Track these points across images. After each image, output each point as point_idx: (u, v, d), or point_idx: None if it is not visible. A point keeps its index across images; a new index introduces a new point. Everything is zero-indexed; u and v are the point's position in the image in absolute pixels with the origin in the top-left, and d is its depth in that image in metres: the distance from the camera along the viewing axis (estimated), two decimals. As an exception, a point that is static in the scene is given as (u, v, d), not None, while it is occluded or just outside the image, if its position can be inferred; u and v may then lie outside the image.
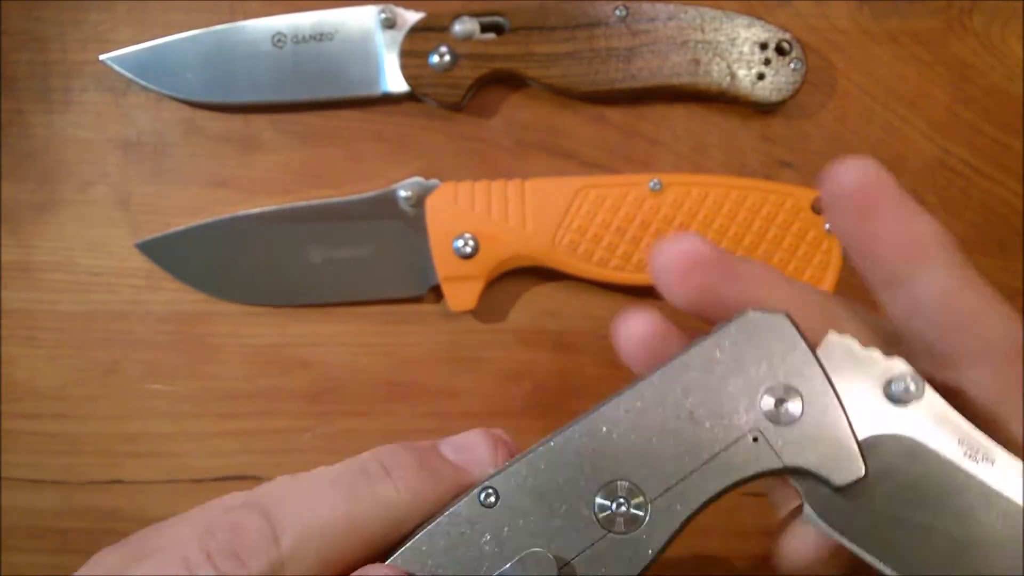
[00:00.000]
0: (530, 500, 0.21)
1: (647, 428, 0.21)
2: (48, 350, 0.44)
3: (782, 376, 0.21)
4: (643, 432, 0.21)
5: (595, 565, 0.21)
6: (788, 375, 0.21)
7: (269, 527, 0.20)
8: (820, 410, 0.21)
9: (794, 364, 0.21)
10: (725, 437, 0.21)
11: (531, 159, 0.44)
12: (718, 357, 0.21)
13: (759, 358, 0.21)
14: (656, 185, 0.41)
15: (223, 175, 0.45)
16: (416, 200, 0.42)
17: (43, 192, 0.45)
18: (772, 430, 0.21)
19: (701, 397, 0.21)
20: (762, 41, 0.42)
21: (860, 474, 0.20)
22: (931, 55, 0.44)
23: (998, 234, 0.43)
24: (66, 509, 0.44)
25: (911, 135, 0.44)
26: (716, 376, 0.21)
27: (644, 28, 0.42)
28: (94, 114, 0.45)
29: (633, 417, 0.21)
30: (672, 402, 0.21)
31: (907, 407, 0.21)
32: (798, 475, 0.21)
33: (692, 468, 0.21)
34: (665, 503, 0.21)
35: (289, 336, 0.44)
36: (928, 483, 0.21)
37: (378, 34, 0.43)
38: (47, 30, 0.45)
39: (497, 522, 0.21)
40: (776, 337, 0.21)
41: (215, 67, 0.44)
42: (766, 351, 0.21)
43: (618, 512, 0.21)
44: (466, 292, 0.42)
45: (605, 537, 0.21)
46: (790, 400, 0.21)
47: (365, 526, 0.21)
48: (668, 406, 0.21)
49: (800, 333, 0.21)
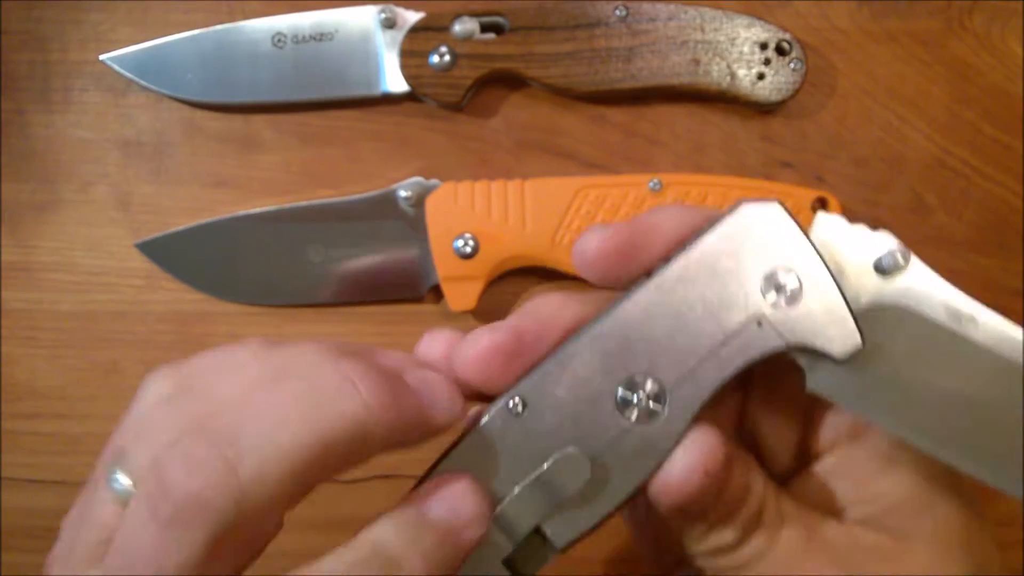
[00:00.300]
0: (557, 403, 0.22)
1: (660, 323, 0.22)
2: (48, 350, 0.44)
3: (778, 261, 0.22)
4: (656, 327, 0.22)
5: (624, 457, 0.22)
6: (784, 259, 0.22)
7: (224, 460, 0.18)
8: (816, 289, 0.22)
9: (788, 248, 0.22)
10: (732, 324, 0.22)
11: (531, 159, 0.44)
12: (718, 250, 0.22)
13: (755, 247, 0.22)
14: (656, 185, 0.41)
15: (223, 175, 0.45)
16: (416, 200, 0.42)
17: (43, 192, 0.45)
18: (774, 313, 0.22)
19: (706, 289, 0.22)
20: (762, 41, 0.42)
21: (858, 345, 0.22)
22: (931, 55, 0.44)
23: (998, 234, 0.43)
24: (66, 509, 0.43)
25: (911, 135, 0.44)
26: (718, 268, 0.22)
27: (644, 28, 0.42)
28: (94, 114, 0.45)
29: (646, 313, 0.22)
30: (681, 297, 0.22)
31: (896, 277, 0.22)
32: (801, 352, 0.22)
33: (703, 356, 0.22)
34: (682, 391, 0.22)
35: (289, 336, 0.44)
36: (921, 346, 0.22)
37: (378, 34, 0.43)
38: (47, 30, 0.45)
39: (528, 427, 0.22)
40: (769, 225, 0.22)
41: (215, 67, 0.44)
42: (761, 239, 0.22)
43: (640, 404, 0.22)
44: (466, 292, 0.42)
45: (631, 430, 0.22)
46: (788, 283, 0.22)
47: (330, 446, 0.19)
48: (677, 301, 0.22)
49: (792, 218, 0.22)
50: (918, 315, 0.22)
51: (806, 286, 0.22)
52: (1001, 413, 0.21)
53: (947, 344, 0.22)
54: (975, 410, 0.22)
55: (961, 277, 0.44)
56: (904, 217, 0.44)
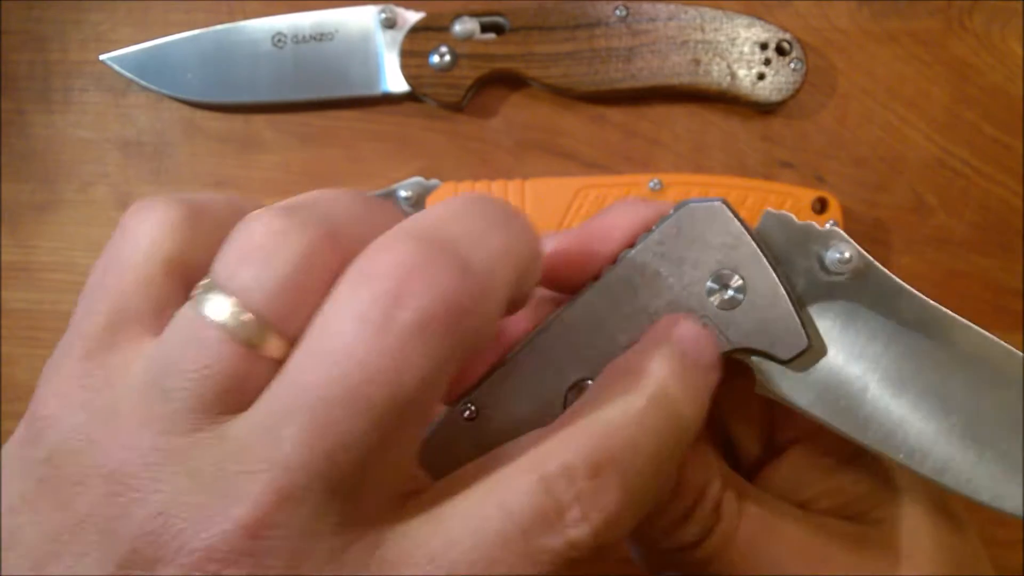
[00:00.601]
0: (506, 409, 0.22)
1: (604, 326, 0.22)
2: (49, 350, 0.44)
3: (724, 261, 0.22)
4: (601, 330, 0.22)
5: None
6: (729, 259, 0.22)
7: (457, 258, 0.16)
8: (760, 289, 0.21)
9: (733, 247, 0.22)
10: None
11: (531, 159, 0.44)
12: (661, 250, 0.22)
13: (701, 246, 0.22)
14: (656, 185, 0.41)
15: (223, 175, 0.45)
16: (416, 200, 0.42)
17: (43, 192, 0.45)
18: (719, 314, 0.22)
19: (650, 291, 0.22)
20: (762, 41, 0.42)
21: (803, 346, 0.21)
22: (931, 55, 0.44)
23: (998, 234, 0.43)
24: (66, 509, 0.44)
25: (911, 135, 0.44)
26: (664, 269, 0.22)
27: (644, 28, 0.42)
28: (94, 114, 0.45)
29: (590, 317, 0.22)
30: (624, 298, 0.22)
31: (844, 275, 0.22)
32: (747, 353, 0.22)
33: None
34: None
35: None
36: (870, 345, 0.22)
37: (378, 34, 0.43)
38: (47, 30, 0.45)
39: (478, 433, 0.22)
40: (715, 224, 0.22)
41: (215, 67, 0.44)
42: (706, 238, 0.22)
43: None
44: (466, 292, 0.42)
45: None
46: (732, 283, 0.22)
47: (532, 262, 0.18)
48: (621, 303, 0.22)
49: (736, 217, 0.22)
50: (868, 313, 0.22)
51: (750, 286, 0.21)
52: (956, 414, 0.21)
53: (898, 342, 0.21)
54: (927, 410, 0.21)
55: (961, 277, 0.45)
56: (904, 217, 0.44)
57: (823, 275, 0.22)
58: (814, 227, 0.22)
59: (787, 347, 0.21)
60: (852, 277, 0.22)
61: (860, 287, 0.22)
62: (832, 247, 0.22)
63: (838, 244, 0.22)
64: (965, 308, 0.20)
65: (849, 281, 0.22)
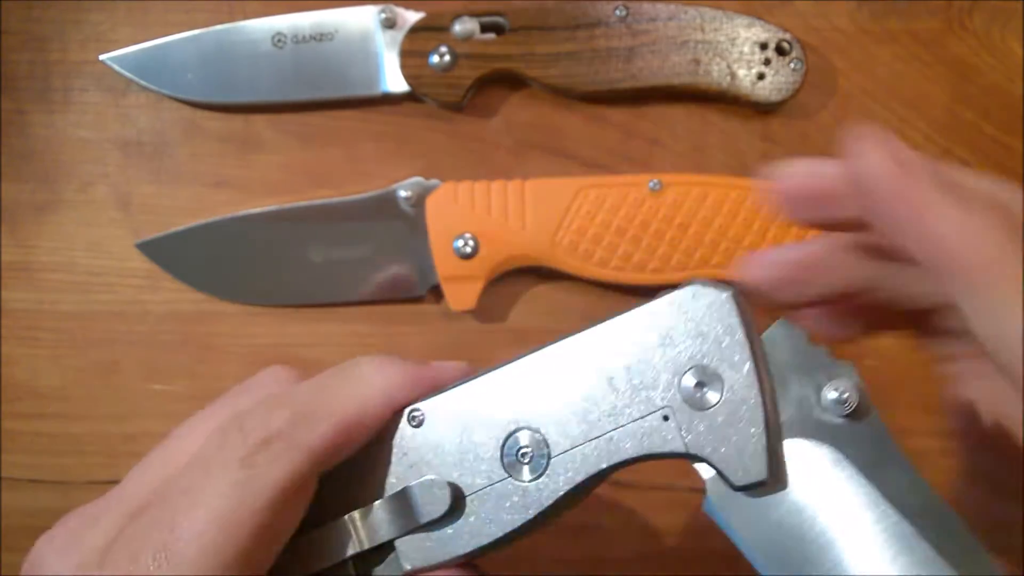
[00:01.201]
0: (450, 429, 0.22)
1: (566, 383, 0.21)
2: (48, 350, 0.44)
3: (710, 358, 0.20)
4: (562, 387, 0.21)
5: (488, 504, 0.21)
6: (717, 358, 0.20)
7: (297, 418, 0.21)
8: (739, 402, 0.19)
9: (725, 348, 0.20)
10: (637, 408, 0.20)
11: (531, 159, 0.44)
12: (651, 326, 0.20)
13: (692, 334, 0.20)
14: (656, 185, 0.41)
15: (223, 175, 0.45)
16: (416, 200, 0.42)
17: (43, 192, 0.45)
18: (685, 412, 0.20)
19: (624, 363, 0.20)
20: (762, 41, 0.42)
21: (761, 478, 0.19)
22: (931, 55, 0.44)
23: (998, 234, 0.43)
24: (66, 509, 0.43)
25: (911, 135, 0.44)
26: (644, 345, 0.20)
27: (644, 28, 0.42)
28: (94, 114, 0.45)
29: (556, 370, 0.21)
30: (595, 363, 0.21)
31: (842, 418, 0.20)
32: (701, 462, 0.20)
33: (598, 433, 0.20)
34: (565, 462, 0.21)
35: (289, 336, 0.44)
36: (839, 504, 0.19)
37: (378, 34, 0.43)
38: (47, 30, 0.45)
39: (419, 442, 0.22)
40: (715, 315, 0.20)
41: (215, 67, 0.44)
42: (701, 328, 0.20)
43: (521, 460, 0.21)
44: (466, 292, 0.42)
45: (504, 480, 0.21)
46: (710, 385, 0.20)
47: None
48: (591, 366, 0.21)
49: (740, 315, 0.20)
50: (850, 469, 0.19)
51: (729, 396, 0.19)
52: None
53: (872, 512, 0.19)
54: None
55: (961, 277, 0.45)
56: (904, 217, 0.44)
57: (817, 410, 0.20)
58: (824, 355, 0.20)
59: (743, 473, 0.19)
60: (848, 423, 0.20)
61: (852, 436, 0.19)
62: (834, 384, 0.20)
63: (842, 382, 0.20)
64: None
65: (842, 426, 0.20)
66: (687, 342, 0.20)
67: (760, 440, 0.19)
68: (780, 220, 0.41)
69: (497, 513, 0.21)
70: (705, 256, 0.41)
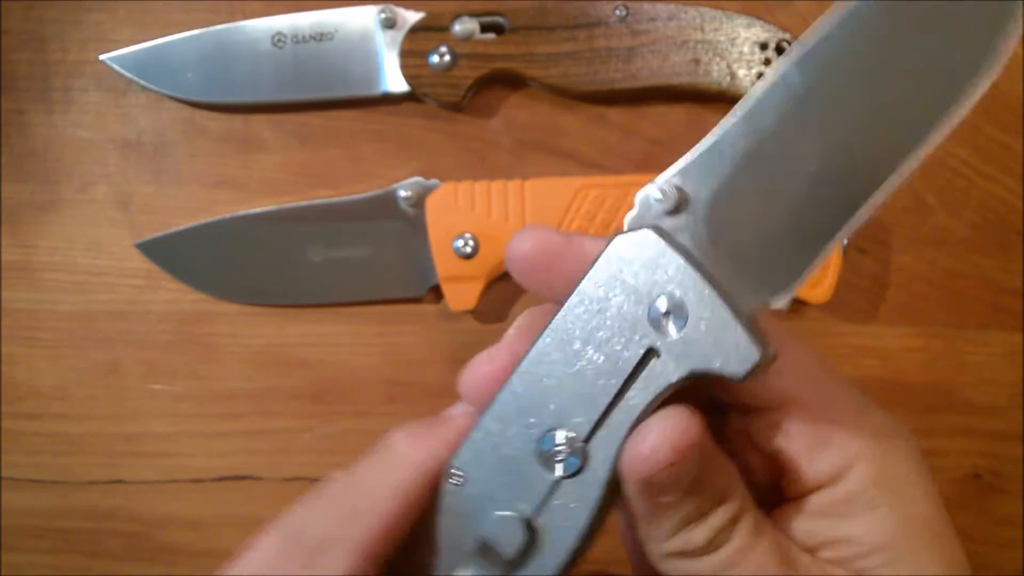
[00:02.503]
0: (489, 469, 0.22)
1: (562, 373, 0.22)
2: (48, 350, 0.44)
3: (661, 288, 0.21)
4: (559, 377, 0.22)
5: (558, 512, 0.22)
6: (665, 285, 0.21)
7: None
8: (702, 307, 0.21)
9: (668, 272, 0.21)
10: (628, 363, 0.21)
11: (531, 159, 0.44)
12: (599, 288, 0.22)
13: (635, 277, 0.21)
14: (656, 185, 0.41)
15: (223, 175, 0.45)
16: (416, 200, 0.42)
17: (43, 192, 0.45)
18: (666, 343, 0.21)
19: (596, 331, 0.22)
20: (762, 41, 0.42)
21: (756, 359, 0.20)
22: (931, 55, 0.44)
23: (998, 234, 0.43)
24: (66, 509, 0.44)
25: (911, 135, 0.43)
26: (605, 305, 0.22)
27: (644, 28, 0.42)
28: (94, 114, 0.45)
29: (547, 364, 0.22)
30: (575, 341, 0.22)
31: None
32: (703, 376, 0.21)
33: (608, 401, 0.21)
34: (598, 438, 0.22)
35: (289, 336, 0.44)
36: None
37: (378, 34, 0.43)
38: (47, 30, 0.45)
39: (465, 495, 0.22)
40: (645, 252, 0.22)
41: (215, 67, 0.44)
42: (640, 268, 0.21)
43: (560, 460, 0.22)
44: (466, 292, 0.42)
45: (556, 485, 0.22)
46: (675, 311, 0.21)
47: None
48: (573, 346, 0.22)
49: (667, 240, 0.22)
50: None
51: (692, 309, 0.21)
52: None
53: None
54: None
55: (961, 277, 0.45)
56: (904, 217, 0.44)
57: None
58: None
59: (739, 363, 0.21)
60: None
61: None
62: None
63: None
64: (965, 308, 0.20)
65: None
66: (637, 285, 0.21)
67: (735, 328, 0.21)
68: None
69: (566, 515, 0.22)
70: (705, 256, 0.41)
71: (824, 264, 0.41)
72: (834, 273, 0.41)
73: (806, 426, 0.23)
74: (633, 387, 0.21)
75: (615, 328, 0.21)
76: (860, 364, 0.44)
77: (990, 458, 0.44)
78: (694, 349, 0.21)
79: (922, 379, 0.44)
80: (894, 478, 0.23)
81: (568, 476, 0.22)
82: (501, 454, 0.22)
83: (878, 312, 0.44)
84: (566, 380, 0.22)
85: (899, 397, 0.43)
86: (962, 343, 0.44)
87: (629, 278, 0.21)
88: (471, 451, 0.23)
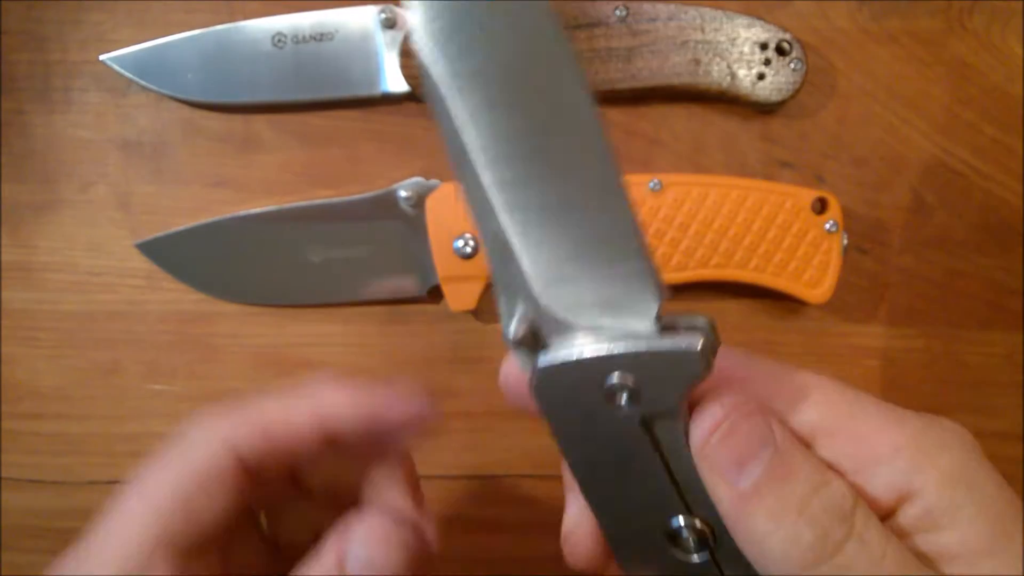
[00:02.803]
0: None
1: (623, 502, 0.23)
2: (48, 350, 0.44)
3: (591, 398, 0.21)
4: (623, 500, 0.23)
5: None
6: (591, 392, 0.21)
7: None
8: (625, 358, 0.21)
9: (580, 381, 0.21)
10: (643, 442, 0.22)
11: (531, 159, 0.44)
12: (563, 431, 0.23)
13: (573, 403, 0.22)
14: (656, 185, 0.41)
15: (223, 175, 0.45)
16: (416, 200, 0.42)
17: (43, 192, 0.45)
18: (639, 403, 0.21)
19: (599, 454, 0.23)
20: (762, 41, 0.42)
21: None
22: (931, 55, 0.44)
23: (998, 234, 0.43)
24: (66, 509, 0.44)
25: (911, 135, 0.44)
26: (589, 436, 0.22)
27: (644, 28, 0.42)
28: (94, 114, 0.45)
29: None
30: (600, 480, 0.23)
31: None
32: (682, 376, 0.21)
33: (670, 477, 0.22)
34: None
35: (289, 336, 0.44)
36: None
37: (378, 34, 0.43)
38: (47, 30, 0.45)
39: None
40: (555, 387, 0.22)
41: (215, 67, 0.44)
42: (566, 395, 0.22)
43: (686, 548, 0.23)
44: (466, 292, 0.42)
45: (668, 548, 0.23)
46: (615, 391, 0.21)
47: None
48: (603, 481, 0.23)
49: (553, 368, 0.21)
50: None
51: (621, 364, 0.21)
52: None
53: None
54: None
55: (961, 277, 0.45)
56: (904, 217, 0.44)
57: None
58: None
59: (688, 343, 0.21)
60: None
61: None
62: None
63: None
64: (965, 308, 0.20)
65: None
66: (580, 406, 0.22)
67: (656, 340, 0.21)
68: (779, 220, 0.41)
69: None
70: (705, 256, 0.41)
71: (824, 264, 0.41)
72: (834, 273, 0.41)
73: (846, 452, 0.22)
74: (665, 450, 0.22)
75: (607, 442, 0.22)
76: (860, 364, 0.44)
77: (990, 458, 0.44)
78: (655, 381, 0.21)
79: (922, 379, 0.44)
80: (959, 474, 0.22)
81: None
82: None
83: (878, 312, 0.44)
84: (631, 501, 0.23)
85: (899, 397, 0.43)
86: (962, 343, 0.44)
87: (572, 410, 0.22)
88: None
